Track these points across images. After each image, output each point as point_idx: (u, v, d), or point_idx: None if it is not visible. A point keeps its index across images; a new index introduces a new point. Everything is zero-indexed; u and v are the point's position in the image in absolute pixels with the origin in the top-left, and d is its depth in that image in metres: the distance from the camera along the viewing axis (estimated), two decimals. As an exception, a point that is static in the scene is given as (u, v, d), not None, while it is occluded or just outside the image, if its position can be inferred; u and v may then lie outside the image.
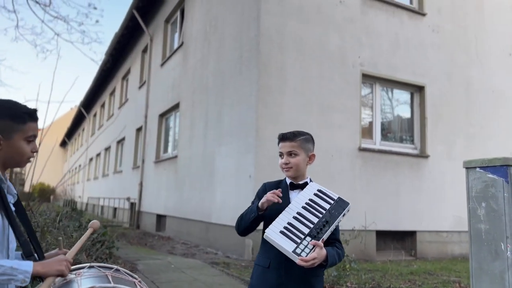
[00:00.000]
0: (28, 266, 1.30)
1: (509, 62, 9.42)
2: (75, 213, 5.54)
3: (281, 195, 1.86)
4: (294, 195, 2.04)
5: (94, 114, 25.66)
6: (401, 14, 8.34)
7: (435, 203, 8.03)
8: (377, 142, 7.97)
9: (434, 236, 8.04)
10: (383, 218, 7.36)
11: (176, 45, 11.84)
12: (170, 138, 11.76)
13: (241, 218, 1.99)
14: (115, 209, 16.41)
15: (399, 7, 8.32)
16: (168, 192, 10.67)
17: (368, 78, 7.93)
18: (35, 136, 1.50)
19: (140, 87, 14.86)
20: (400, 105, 8.64)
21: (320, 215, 1.89)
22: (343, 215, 1.93)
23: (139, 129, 14.47)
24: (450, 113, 8.52)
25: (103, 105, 23.23)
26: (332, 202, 1.97)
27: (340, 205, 1.96)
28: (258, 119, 6.64)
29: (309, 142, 2.07)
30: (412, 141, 8.40)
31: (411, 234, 7.91)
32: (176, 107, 11.03)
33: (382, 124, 8.26)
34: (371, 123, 8.09)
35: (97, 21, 24.83)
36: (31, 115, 1.48)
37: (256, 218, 1.91)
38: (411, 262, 7.13)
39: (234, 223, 2.11)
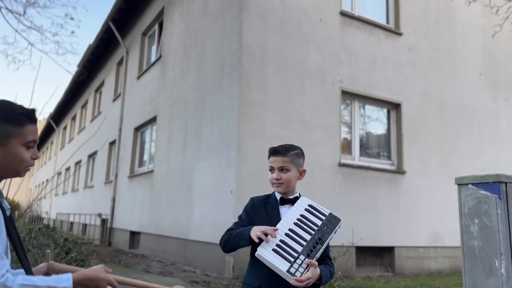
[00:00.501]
0: (67, 281, 1.18)
1: (480, 82, 9.78)
2: (50, 230, 5.26)
3: (275, 236, 1.76)
4: (284, 210, 1.99)
5: (64, 127, 24.90)
6: (379, 33, 8.54)
7: (412, 218, 8.13)
8: (356, 158, 8.04)
9: (411, 252, 8.12)
10: (363, 234, 7.36)
11: (153, 58, 11.69)
12: (146, 152, 11.49)
13: (229, 239, 1.90)
14: (85, 225, 15.82)
15: (376, 26, 8.52)
16: (143, 208, 10.37)
17: (347, 95, 8.03)
18: (35, 141, 1.31)
19: (114, 100, 14.53)
20: (377, 121, 8.78)
21: (313, 232, 1.84)
22: (335, 232, 1.89)
23: (112, 143, 14.09)
24: (425, 130, 8.72)
25: (74, 118, 22.58)
26: (323, 218, 1.92)
27: (331, 222, 1.91)
28: (239, 134, 6.58)
29: (300, 157, 2.04)
30: (389, 157, 8.52)
31: (389, 250, 7.96)
32: (152, 120, 10.82)
33: (361, 140, 8.35)
34: (350, 139, 8.17)
35: (72, 32, 24.56)
36: (29, 116, 1.29)
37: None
38: (391, 278, 7.15)
39: (214, 240, 2.03)
